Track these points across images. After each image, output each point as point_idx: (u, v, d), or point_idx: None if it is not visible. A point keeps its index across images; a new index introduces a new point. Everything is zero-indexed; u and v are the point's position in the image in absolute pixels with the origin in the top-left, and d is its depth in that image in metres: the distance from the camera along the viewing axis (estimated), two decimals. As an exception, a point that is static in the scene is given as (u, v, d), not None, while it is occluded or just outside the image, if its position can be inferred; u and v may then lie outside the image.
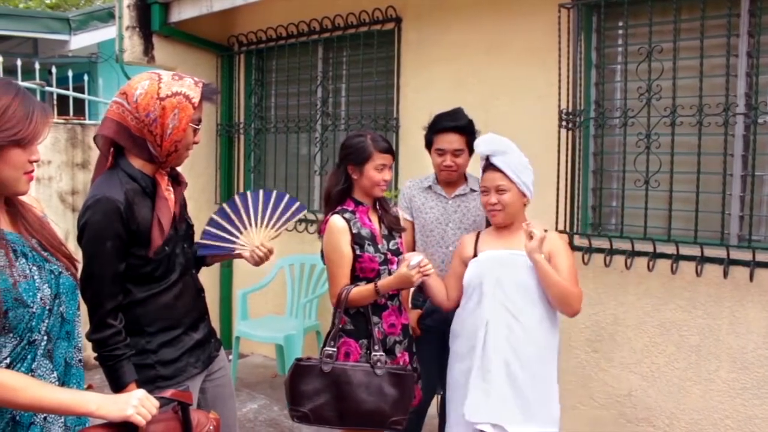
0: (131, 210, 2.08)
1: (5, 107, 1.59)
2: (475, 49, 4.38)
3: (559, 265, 2.74)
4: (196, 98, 2.11)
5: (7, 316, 1.58)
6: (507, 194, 2.76)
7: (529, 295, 2.72)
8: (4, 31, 8.53)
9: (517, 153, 2.80)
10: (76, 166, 5.51)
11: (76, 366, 1.79)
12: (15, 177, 1.63)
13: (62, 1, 17.45)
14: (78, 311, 1.82)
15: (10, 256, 1.63)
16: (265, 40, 5.57)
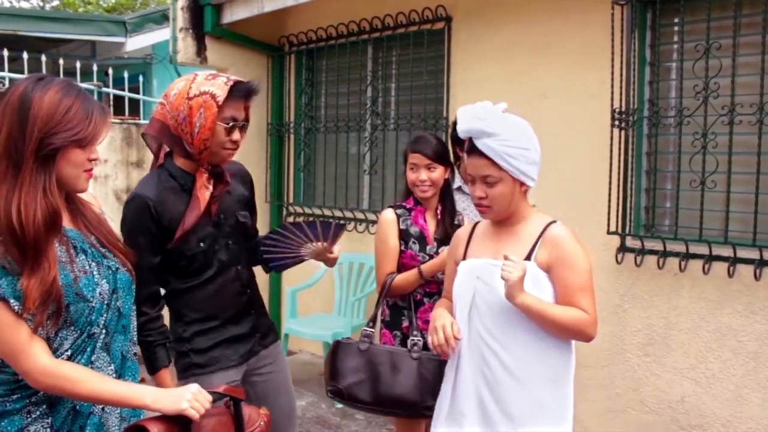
0: (162, 207, 2.20)
1: (67, 108, 1.63)
2: (525, 48, 4.34)
3: (564, 280, 2.07)
4: (222, 97, 2.14)
5: (68, 310, 1.63)
6: (497, 186, 2.09)
7: (511, 318, 2.08)
8: (65, 35, 8.78)
9: (511, 131, 2.06)
10: (131, 165, 5.64)
11: (131, 359, 1.84)
12: (75, 175, 1.68)
13: (119, 4, 17.88)
14: (133, 306, 1.87)
15: (71, 252, 1.68)
16: (315, 40, 5.61)
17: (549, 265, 2.09)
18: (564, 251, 2.08)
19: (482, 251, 2.22)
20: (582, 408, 4.15)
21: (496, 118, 2.05)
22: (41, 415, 1.65)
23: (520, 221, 2.18)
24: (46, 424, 1.65)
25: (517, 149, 2.04)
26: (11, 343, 1.58)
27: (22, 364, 1.58)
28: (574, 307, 2.05)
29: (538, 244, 2.11)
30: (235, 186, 2.42)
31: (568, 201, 4.08)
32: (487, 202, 2.12)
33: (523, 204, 2.18)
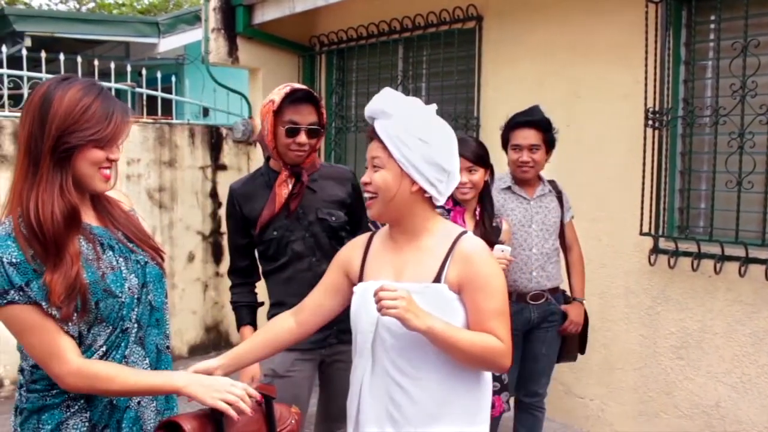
0: (245, 198, 2.61)
1: (86, 107, 1.62)
2: (557, 47, 4.30)
3: (477, 303, 1.78)
4: (278, 102, 2.44)
5: (98, 307, 1.65)
6: (380, 173, 1.82)
7: (424, 350, 1.78)
8: (99, 36, 8.92)
9: (413, 119, 1.81)
10: (164, 164, 5.70)
11: (165, 352, 1.85)
12: (90, 174, 1.67)
13: (152, 6, 18.11)
14: (166, 299, 1.88)
15: (98, 249, 1.69)
16: (346, 40, 5.62)
17: (461, 285, 1.79)
18: (477, 269, 1.79)
19: (382, 270, 1.88)
20: (613, 411, 4.10)
21: (400, 102, 1.83)
22: (79, 410, 1.68)
23: (423, 233, 1.87)
24: (84, 418, 1.68)
25: (413, 138, 1.77)
26: (43, 346, 1.60)
27: (53, 367, 1.60)
28: (488, 333, 1.77)
29: (448, 260, 1.81)
30: (327, 186, 2.67)
31: (599, 201, 4.04)
32: (371, 188, 1.84)
33: (424, 212, 1.87)
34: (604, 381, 4.14)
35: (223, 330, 6.23)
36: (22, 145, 1.64)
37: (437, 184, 1.81)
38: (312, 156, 2.60)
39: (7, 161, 4.84)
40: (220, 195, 6.08)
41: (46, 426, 1.67)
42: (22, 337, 1.62)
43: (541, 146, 3.21)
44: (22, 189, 1.62)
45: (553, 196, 3.35)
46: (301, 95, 2.49)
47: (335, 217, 2.64)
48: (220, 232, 6.10)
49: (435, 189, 1.82)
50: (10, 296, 1.57)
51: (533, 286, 3.25)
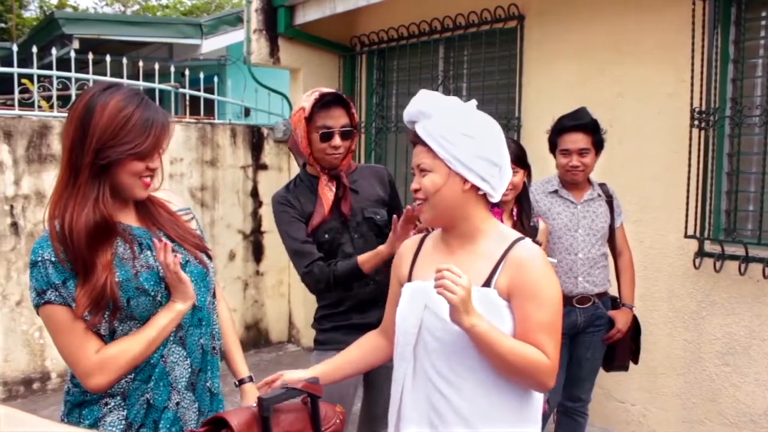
0: (296, 199, 2.60)
1: (125, 119, 1.64)
2: (600, 46, 4.23)
3: (526, 313, 1.67)
4: (308, 109, 2.46)
5: (129, 305, 1.67)
6: (428, 176, 1.74)
7: (468, 356, 1.69)
8: (144, 38, 9.09)
9: (453, 114, 1.75)
10: (206, 164, 5.77)
11: (211, 353, 1.85)
12: (131, 183, 1.69)
13: (195, 7, 18.38)
14: (212, 299, 1.88)
15: (134, 249, 1.71)
16: (387, 40, 5.62)
17: (510, 293, 1.69)
18: (529, 277, 1.68)
19: (430, 271, 1.74)
20: (655, 417, 4.03)
21: (436, 100, 1.77)
22: (116, 407, 1.69)
23: (478, 236, 1.78)
24: (121, 416, 1.69)
25: (457, 134, 1.69)
26: (70, 348, 1.64)
27: (76, 370, 1.65)
28: (535, 346, 1.66)
29: (500, 266, 1.71)
30: (367, 186, 2.67)
31: (642, 203, 3.97)
32: (421, 194, 1.76)
33: (479, 213, 1.77)
34: (646, 386, 4.07)
35: (263, 328, 6.29)
36: (65, 153, 1.67)
37: (489, 179, 1.73)
38: (348, 158, 2.61)
39: (56, 160, 4.96)
40: (261, 194, 6.14)
41: (86, 421, 1.70)
42: (55, 336, 1.66)
43: (590, 149, 3.16)
44: (61, 197, 1.66)
45: (602, 200, 3.29)
46: (331, 99, 2.50)
47: (380, 216, 2.65)
48: (260, 231, 6.16)
49: (488, 184, 1.73)
50: (47, 296, 1.61)
51: (579, 291, 3.21)
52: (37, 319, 4.91)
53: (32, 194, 4.88)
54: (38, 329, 4.94)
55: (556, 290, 1.71)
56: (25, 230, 4.86)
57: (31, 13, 19.19)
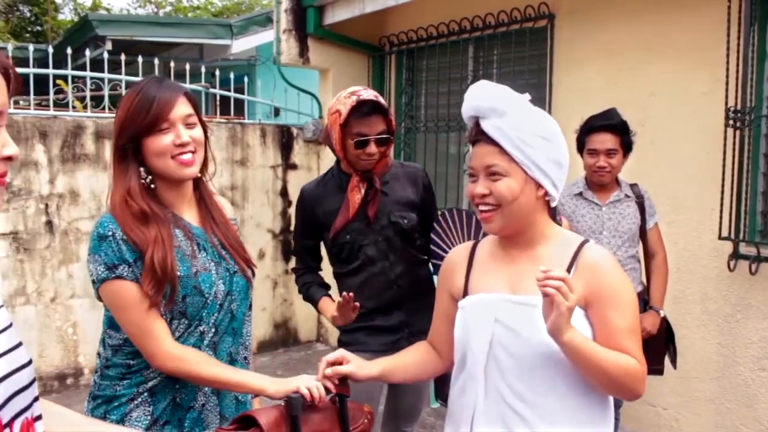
0: (317, 201, 2.59)
1: (130, 104, 1.70)
2: (632, 45, 4.18)
3: (608, 320, 1.56)
4: (345, 114, 2.40)
5: (185, 302, 1.70)
6: (504, 181, 1.58)
7: (547, 373, 1.56)
8: (175, 39, 9.20)
9: (528, 114, 1.62)
10: (236, 163, 5.82)
11: (241, 362, 1.87)
12: (162, 164, 1.72)
13: (225, 8, 18.53)
14: (249, 311, 1.90)
15: (194, 247, 1.75)
16: (416, 40, 5.61)
17: (588, 300, 1.57)
18: (607, 282, 1.57)
19: (493, 282, 1.66)
20: (688, 422, 3.97)
21: (510, 97, 1.61)
22: (143, 402, 1.72)
23: (540, 241, 1.65)
24: (147, 411, 1.72)
25: (535, 136, 1.57)
26: (141, 323, 1.66)
27: (150, 345, 1.66)
28: (621, 352, 1.55)
29: (571, 271, 1.59)
30: (398, 188, 2.62)
31: (675, 204, 3.92)
32: (493, 200, 1.58)
33: (544, 219, 1.65)
34: (678, 390, 4.01)
35: (292, 327, 6.32)
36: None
37: (558, 184, 1.62)
38: (383, 161, 2.55)
39: (89, 160, 5.03)
40: (291, 194, 6.17)
41: (112, 416, 1.72)
42: (122, 313, 1.68)
43: (619, 150, 3.13)
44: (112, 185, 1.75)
45: (631, 201, 3.25)
46: (368, 109, 2.43)
47: (407, 220, 2.59)
48: (289, 230, 6.19)
49: (556, 190, 1.62)
50: (119, 271, 1.64)
51: None
52: (71, 316, 5.02)
53: (66, 193, 4.96)
54: (71, 326, 5.02)
55: (633, 291, 1.61)
56: (59, 228, 4.94)
57: (65, 15, 19.50)
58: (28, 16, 17.92)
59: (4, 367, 1.01)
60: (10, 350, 1.04)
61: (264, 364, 5.61)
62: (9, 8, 14.01)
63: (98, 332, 1.83)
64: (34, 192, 4.82)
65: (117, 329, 1.73)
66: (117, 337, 1.74)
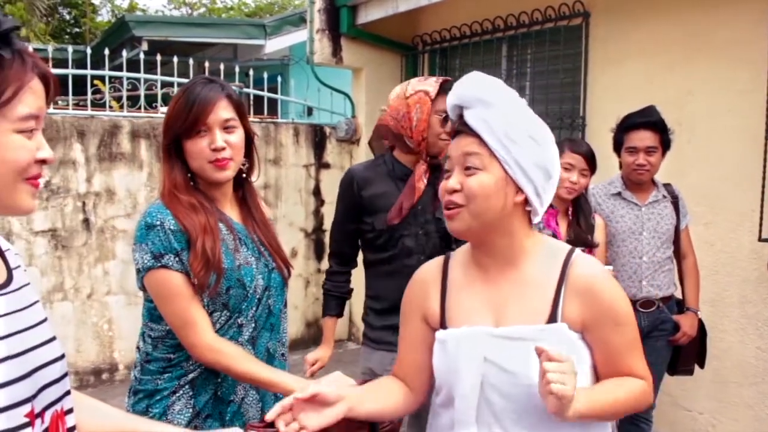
0: (366, 183, 2.54)
1: (173, 105, 1.75)
2: (669, 43, 4.11)
3: (609, 340, 1.42)
4: (434, 92, 2.44)
5: (228, 293, 1.73)
6: (477, 176, 1.40)
7: (545, 414, 1.32)
8: (210, 39, 9.29)
9: (519, 110, 1.44)
10: (269, 162, 5.86)
11: (278, 359, 1.89)
12: (199, 166, 1.76)
13: (258, 8, 18.67)
14: (284, 308, 1.93)
15: (237, 242, 1.79)
16: (449, 39, 5.59)
17: (585, 323, 1.41)
18: (603, 301, 1.40)
19: (474, 312, 1.46)
20: (725, 427, 3.89)
21: (501, 89, 1.43)
22: (185, 395, 1.75)
23: (521, 257, 1.46)
24: (189, 404, 1.75)
25: (522, 134, 1.40)
26: (183, 313, 1.69)
27: (190, 336, 1.69)
28: (624, 372, 1.44)
29: (561, 293, 1.41)
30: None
31: (713, 205, 3.84)
32: (460, 198, 1.40)
33: (522, 229, 1.45)
34: (715, 395, 3.93)
35: (323, 326, 6.33)
36: None
37: (542, 194, 1.44)
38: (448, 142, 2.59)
39: (125, 159, 5.11)
40: (323, 193, 6.19)
41: (155, 409, 1.74)
42: (165, 302, 1.71)
43: (658, 148, 3.08)
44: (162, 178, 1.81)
45: (667, 201, 3.20)
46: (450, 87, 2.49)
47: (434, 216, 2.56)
48: (322, 229, 6.21)
49: (539, 200, 1.44)
50: (165, 260, 1.68)
51: (643, 295, 3.13)
52: (107, 312, 5.10)
53: (103, 191, 5.04)
54: (107, 322, 5.10)
55: (628, 302, 1.47)
56: (96, 226, 5.02)
57: (103, 17, 19.83)
58: (67, 18, 18.28)
59: (37, 359, 1.05)
60: (44, 343, 1.08)
61: (296, 362, 5.60)
62: (50, 11, 14.31)
63: (133, 329, 1.87)
64: (72, 190, 4.91)
65: (158, 321, 1.76)
66: (158, 329, 1.77)
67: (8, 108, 0.99)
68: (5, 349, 0.99)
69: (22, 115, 1.00)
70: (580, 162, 2.87)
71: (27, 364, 1.02)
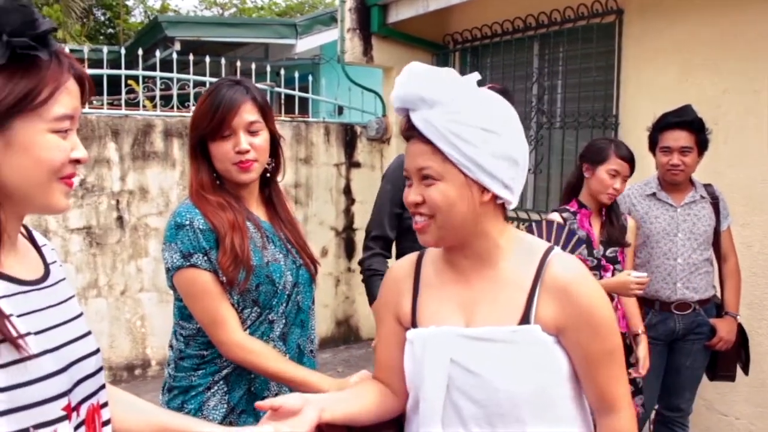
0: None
1: (199, 107, 1.77)
2: (704, 41, 4.04)
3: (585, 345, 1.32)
4: None
5: (258, 290, 1.74)
6: (436, 187, 1.30)
7: (515, 417, 1.29)
8: (241, 39, 9.36)
9: (468, 102, 1.28)
10: (300, 161, 5.88)
11: (308, 355, 1.90)
12: (224, 168, 1.77)
13: (289, 8, 18.78)
14: (312, 305, 1.94)
15: (264, 239, 1.80)
16: (480, 38, 5.56)
17: (559, 326, 1.31)
18: (581, 303, 1.30)
19: (444, 311, 1.38)
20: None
21: (445, 82, 1.29)
22: (220, 391, 1.77)
23: (496, 255, 1.37)
24: (224, 400, 1.77)
25: (475, 129, 1.26)
26: (212, 312, 1.71)
27: (220, 334, 1.71)
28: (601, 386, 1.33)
29: (536, 291, 1.33)
30: None
31: (751, 205, 3.77)
32: (425, 209, 1.31)
33: (496, 226, 1.36)
34: (753, 400, 3.85)
35: (353, 324, 6.35)
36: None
37: (511, 183, 1.32)
38: None
39: (158, 157, 5.17)
40: (354, 192, 6.21)
41: (190, 405, 1.76)
42: (193, 300, 1.73)
43: (693, 149, 3.02)
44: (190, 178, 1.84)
45: (705, 202, 3.14)
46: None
47: None
48: (352, 228, 6.23)
49: (509, 191, 1.33)
50: (194, 259, 1.70)
51: (678, 298, 3.09)
52: (140, 309, 5.16)
53: (136, 190, 5.11)
54: (140, 318, 5.16)
55: (609, 308, 1.37)
56: (129, 224, 5.09)
57: (136, 18, 20.12)
58: (102, 19, 18.57)
59: (73, 354, 1.07)
60: (80, 338, 1.10)
61: (325, 360, 5.65)
62: (85, 12, 14.55)
63: (165, 326, 1.90)
64: (106, 189, 4.98)
65: (189, 320, 1.78)
66: (189, 327, 1.79)
67: (44, 108, 1.00)
68: (42, 343, 1.01)
69: (57, 116, 1.02)
70: (625, 169, 2.84)
71: (63, 359, 1.04)
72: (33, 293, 1.06)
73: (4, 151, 0.99)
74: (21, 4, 0.97)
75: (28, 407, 0.97)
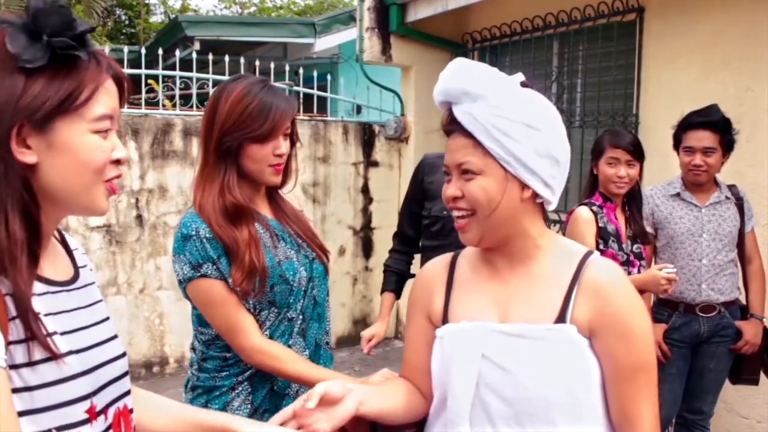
0: (432, 169, 2.74)
1: (245, 107, 1.71)
2: (727, 39, 3.99)
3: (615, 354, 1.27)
4: None
5: (273, 291, 1.74)
6: (478, 180, 1.28)
7: (547, 418, 1.26)
8: (260, 38, 9.40)
9: (511, 98, 1.28)
10: (318, 160, 5.89)
11: (324, 348, 1.91)
12: (258, 170, 1.76)
13: (308, 7, 18.82)
14: (327, 297, 1.94)
15: (274, 238, 1.80)
16: (499, 36, 5.53)
17: (593, 328, 1.27)
18: (615, 307, 1.27)
19: (478, 307, 1.36)
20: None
21: (490, 78, 1.29)
22: (243, 392, 1.78)
23: (534, 254, 1.35)
24: (247, 401, 1.78)
25: (518, 125, 1.26)
26: (229, 319, 1.71)
27: (238, 340, 1.71)
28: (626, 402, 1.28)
29: (573, 293, 1.30)
30: None
31: (775, 206, 3.71)
32: (466, 204, 1.30)
33: (535, 225, 1.35)
34: (774, 401, 3.80)
35: (371, 323, 6.29)
36: (201, 140, 1.80)
37: (552, 182, 1.31)
38: None
39: (177, 156, 5.20)
40: (372, 191, 6.20)
41: (214, 405, 1.77)
42: (209, 309, 1.73)
43: (717, 149, 2.97)
44: (198, 180, 1.79)
45: (730, 203, 3.10)
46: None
47: None
48: (370, 227, 6.23)
49: (550, 190, 1.32)
50: (203, 269, 1.69)
51: (702, 299, 3.05)
52: (158, 307, 5.20)
53: (156, 188, 5.14)
54: (158, 316, 5.20)
55: (647, 317, 1.32)
56: (148, 222, 5.12)
57: (157, 18, 20.26)
58: (123, 19, 18.73)
59: (99, 356, 1.07)
60: (105, 341, 1.11)
61: (342, 359, 5.65)
62: (106, 13, 14.69)
63: (183, 323, 1.91)
64: (126, 187, 5.02)
65: (206, 326, 1.78)
66: (208, 333, 1.79)
67: (85, 108, 1.00)
68: (68, 344, 1.01)
69: (98, 116, 1.01)
70: (623, 154, 2.78)
71: (88, 361, 1.04)
72: (62, 294, 1.06)
73: (46, 153, 0.99)
74: (60, 6, 0.97)
75: (51, 408, 0.97)
